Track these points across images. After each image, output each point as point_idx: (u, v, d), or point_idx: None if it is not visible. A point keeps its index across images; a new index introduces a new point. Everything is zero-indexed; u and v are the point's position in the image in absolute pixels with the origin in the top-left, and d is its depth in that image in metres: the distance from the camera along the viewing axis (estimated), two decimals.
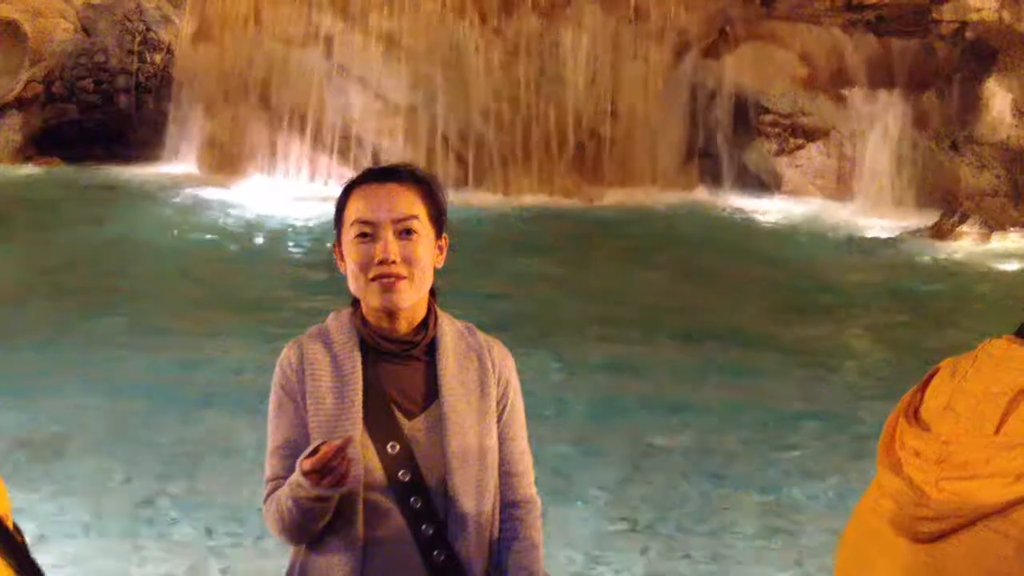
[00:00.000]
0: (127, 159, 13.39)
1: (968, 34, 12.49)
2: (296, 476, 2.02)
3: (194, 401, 5.94)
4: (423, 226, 2.14)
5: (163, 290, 8.27)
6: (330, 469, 1.96)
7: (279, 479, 2.12)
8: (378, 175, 2.20)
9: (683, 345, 7.40)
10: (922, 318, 8.37)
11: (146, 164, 13.34)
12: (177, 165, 13.21)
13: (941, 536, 1.60)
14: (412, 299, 2.14)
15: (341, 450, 1.95)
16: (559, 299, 8.55)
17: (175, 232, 10.32)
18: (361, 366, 2.14)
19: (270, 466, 2.16)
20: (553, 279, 9.12)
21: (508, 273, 9.14)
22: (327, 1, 12.58)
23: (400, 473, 2.10)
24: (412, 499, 2.10)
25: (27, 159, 13.40)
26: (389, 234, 2.11)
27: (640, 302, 8.57)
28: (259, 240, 10.15)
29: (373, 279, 2.11)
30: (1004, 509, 1.55)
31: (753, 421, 6.03)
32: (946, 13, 12.69)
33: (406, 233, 2.12)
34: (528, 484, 2.26)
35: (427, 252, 2.15)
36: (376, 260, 2.10)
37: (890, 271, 9.93)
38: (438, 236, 2.20)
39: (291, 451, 2.10)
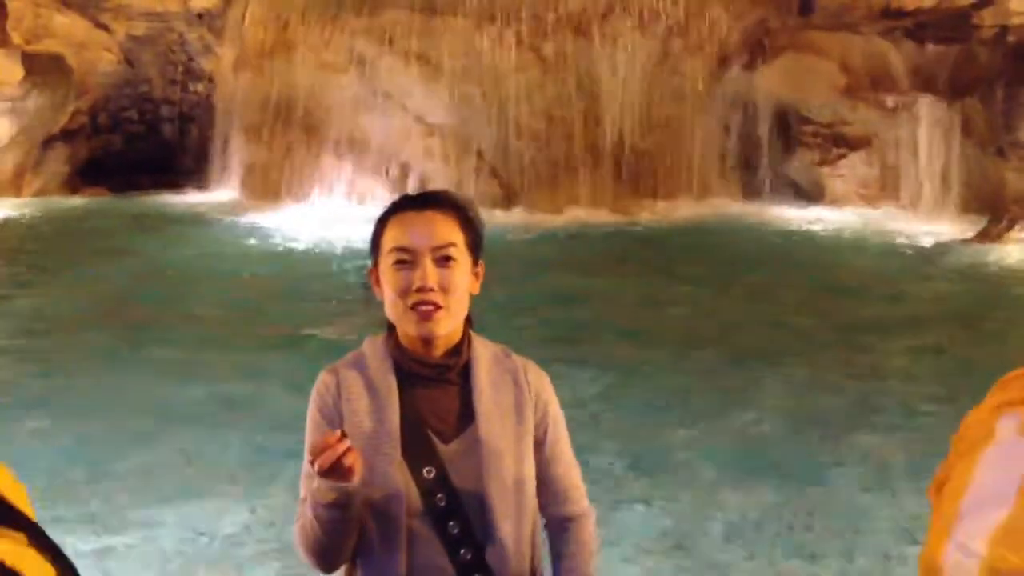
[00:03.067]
0: (172, 187, 13.57)
1: (1010, 38, 12.36)
2: (313, 481, 2.03)
3: (246, 426, 5.98)
4: (461, 253, 2.14)
5: (211, 316, 8.34)
6: (335, 463, 1.95)
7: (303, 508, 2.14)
8: (416, 202, 2.19)
9: (729, 360, 7.35)
10: (973, 325, 8.26)
11: (191, 192, 13.51)
12: (221, 192, 13.36)
13: None
14: (449, 327, 2.13)
15: (342, 439, 1.95)
16: (601, 315, 8.53)
17: (220, 258, 10.42)
18: (397, 391, 2.14)
19: (305, 487, 2.15)
20: (595, 295, 9.10)
21: (549, 290, 9.13)
22: (364, 26, 12.70)
23: (437, 498, 2.09)
24: (450, 524, 2.09)
25: (74, 190, 13.61)
26: (427, 261, 2.10)
27: (684, 316, 8.53)
28: (302, 263, 10.22)
29: (411, 307, 2.10)
30: None
31: (804, 435, 5.97)
32: (986, 18, 12.57)
33: (444, 260, 2.11)
34: (579, 497, 2.26)
35: (464, 279, 2.14)
36: (414, 287, 2.09)
37: (938, 278, 9.81)
38: (475, 263, 2.18)
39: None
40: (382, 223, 2.19)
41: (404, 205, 2.19)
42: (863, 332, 8.10)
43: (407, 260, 2.11)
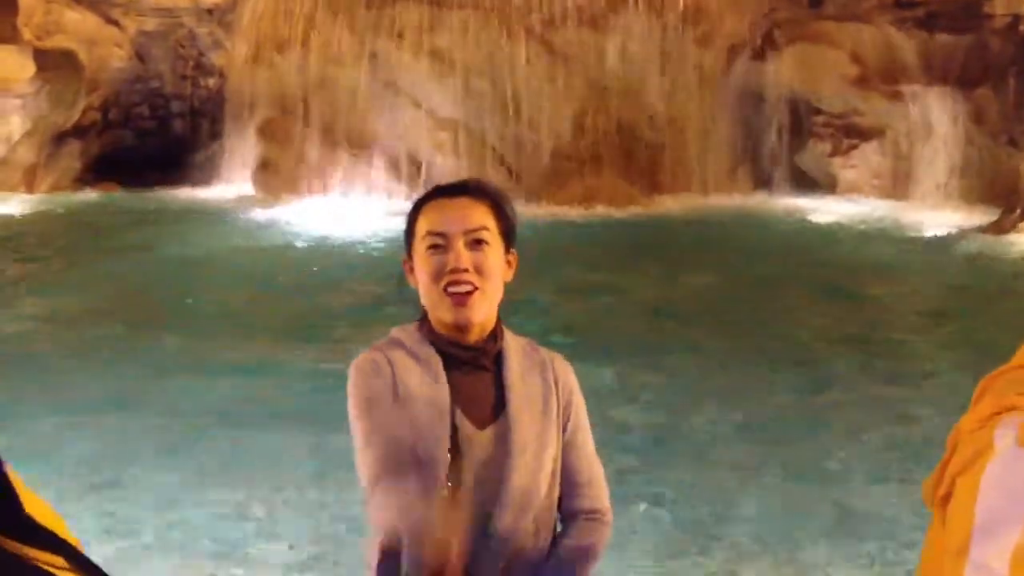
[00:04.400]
0: (183, 183, 13.60)
1: (1022, 27, 12.29)
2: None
3: (255, 420, 5.99)
4: (494, 237, 2.17)
5: (222, 310, 8.36)
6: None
7: (383, 476, 2.07)
8: (448, 190, 2.22)
9: (744, 350, 7.34)
10: (988, 315, 8.23)
11: (202, 187, 13.53)
12: (232, 187, 13.38)
13: None
14: (484, 312, 2.15)
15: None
16: (614, 308, 8.52)
17: (232, 253, 10.43)
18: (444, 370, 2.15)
19: (369, 464, 2.10)
20: (607, 288, 9.09)
21: (562, 283, 9.12)
22: (375, 21, 12.69)
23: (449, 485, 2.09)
24: None
25: (86, 185, 13.64)
26: (460, 244, 2.13)
27: (696, 309, 8.52)
28: (315, 258, 10.23)
29: (446, 290, 2.12)
30: None
31: (819, 425, 5.97)
32: (998, 7, 12.51)
33: (477, 243, 2.14)
34: (595, 495, 2.24)
35: (498, 264, 2.17)
36: (448, 269, 2.12)
37: (953, 269, 9.78)
38: (507, 250, 2.21)
39: (390, 448, 2.07)
40: (416, 211, 2.22)
41: (437, 193, 2.23)
42: (877, 322, 8.08)
43: (440, 244, 2.14)
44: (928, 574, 1.57)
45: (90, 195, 13.37)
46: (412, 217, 2.22)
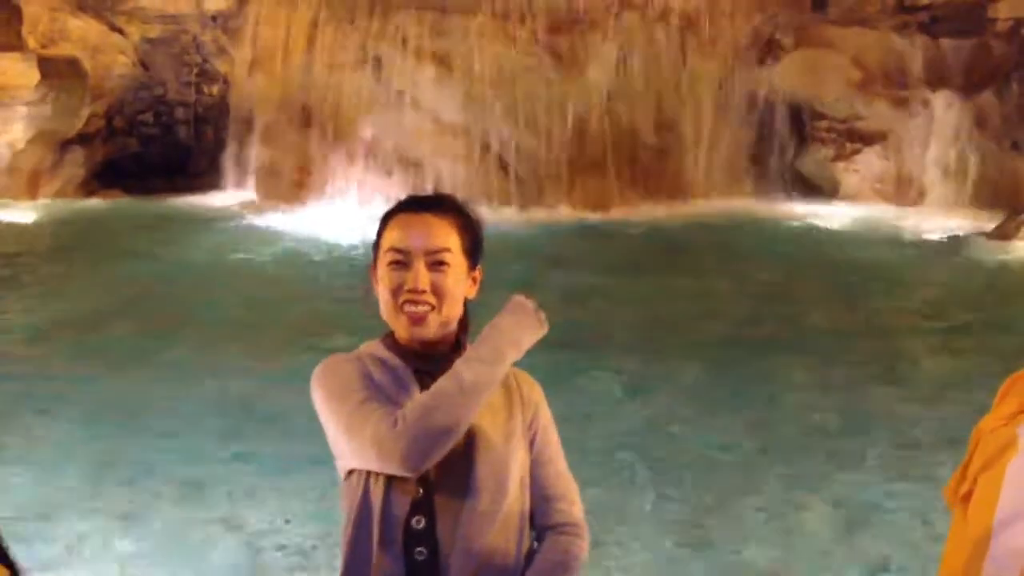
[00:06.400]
0: (187, 189, 13.61)
1: None
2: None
3: (258, 427, 5.99)
4: (455, 258, 2.16)
5: (227, 318, 8.36)
6: None
7: (391, 410, 2.05)
8: (415, 204, 2.21)
9: (746, 356, 7.33)
10: (992, 320, 8.22)
11: (206, 193, 13.54)
12: (237, 194, 13.39)
13: None
14: (440, 332, 2.15)
15: None
16: (616, 314, 8.52)
17: (237, 260, 10.44)
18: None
19: (373, 410, 2.06)
20: (609, 294, 9.09)
21: (563, 288, 9.12)
22: (378, 26, 12.71)
23: (417, 491, 2.09)
24: (415, 519, 2.08)
25: (90, 193, 13.66)
26: (420, 264, 2.13)
27: (699, 315, 8.52)
28: (318, 264, 10.24)
29: (403, 306, 2.13)
30: None
31: (818, 432, 5.96)
32: (1001, 11, 12.52)
33: (437, 264, 2.14)
34: (567, 509, 2.21)
35: (458, 284, 2.16)
36: (407, 288, 2.12)
37: (956, 274, 9.77)
38: (472, 268, 2.20)
39: (381, 402, 2.06)
40: (382, 224, 2.23)
41: (404, 207, 2.22)
42: (880, 328, 8.07)
43: (401, 261, 2.14)
44: (950, 569, 1.58)
45: (94, 202, 13.39)
46: (380, 228, 2.22)
